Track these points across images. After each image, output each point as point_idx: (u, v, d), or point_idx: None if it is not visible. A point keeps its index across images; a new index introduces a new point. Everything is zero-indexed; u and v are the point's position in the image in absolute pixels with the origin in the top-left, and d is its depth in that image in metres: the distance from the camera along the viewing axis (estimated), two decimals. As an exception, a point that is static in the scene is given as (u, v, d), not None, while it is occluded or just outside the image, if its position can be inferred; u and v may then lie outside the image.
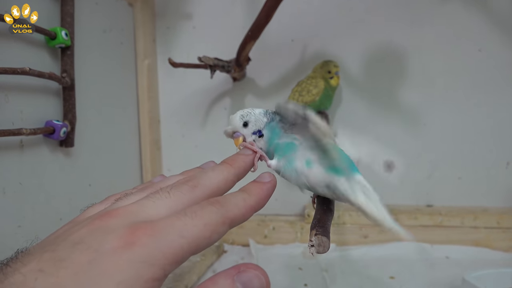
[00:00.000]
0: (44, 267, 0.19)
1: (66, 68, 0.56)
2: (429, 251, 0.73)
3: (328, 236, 0.30)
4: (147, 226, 0.21)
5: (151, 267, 0.19)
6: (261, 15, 0.63)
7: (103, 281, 0.18)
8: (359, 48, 0.78)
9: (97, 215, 0.23)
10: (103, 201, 0.27)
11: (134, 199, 0.25)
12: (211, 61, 0.70)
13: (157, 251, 0.20)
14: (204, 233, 0.22)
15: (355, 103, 0.80)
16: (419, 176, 0.80)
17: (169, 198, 0.24)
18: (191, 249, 0.21)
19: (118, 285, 0.18)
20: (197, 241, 0.21)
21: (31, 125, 0.50)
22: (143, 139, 0.81)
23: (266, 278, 0.22)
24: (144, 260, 0.19)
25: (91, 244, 0.20)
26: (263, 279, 0.21)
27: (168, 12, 0.82)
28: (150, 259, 0.19)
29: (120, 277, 0.18)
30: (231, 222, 0.24)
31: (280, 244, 0.78)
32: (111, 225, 0.21)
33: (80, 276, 0.18)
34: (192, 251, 0.21)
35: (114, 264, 0.19)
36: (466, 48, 0.76)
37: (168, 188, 0.25)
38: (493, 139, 0.77)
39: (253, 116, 0.39)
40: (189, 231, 0.21)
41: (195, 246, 0.21)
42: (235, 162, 0.30)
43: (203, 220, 0.22)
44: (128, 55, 0.78)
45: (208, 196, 0.26)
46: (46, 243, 0.21)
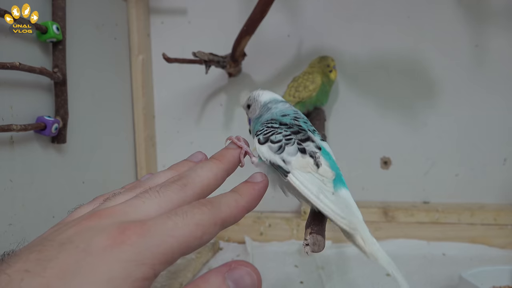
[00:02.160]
0: (31, 268, 0.18)
1: (58, 63, 0.55)
2: (426, 248, 0.73)
3: (323, 235, 0.29)
4: (137, 226, 0.20)
5: (140, 266, 0.19)
6: (256, 10, 0.62)
7: (91, 280, 0.18)
8: (356, 43, 0.78)
9: (85, 216, 0.22)
10: (91, 202, 0.26)
11: (123, 199, 0.24)
12: (206, 57, 0.69)
13: (147, 250, 0.19)
14: (195, 233, 0.21)
15: (351, 100, 0.79)
16: (416, 173, 0.80)
17: (159, 197, 0.23)
18: (182, 249, 0.21)
19: (106, 284, 0.18)
20: (188, 241, 0.21)
21: (21, 121, 0.49)
22: (138, 135, 0.80)
23: (258, 275, 0.21)
24: (134, 259, 0.19)
25: (78, 244, 0.19)
26: (255, 276, 0.21)
27: (162, 7, 0.81)
28: (140, 258, 0.19)
29: (109, 275, 0.18)
30: (223, 222, 0.23)
31: (276, 241, 0.78)
32: (99, 225, 0.21)
33: (67, 276, 0.18)
34: (183, 251, 0.21)
35: (102, 263, 0.18)
36: (462, 44, 0.75)
37: (157, 187, 0.24)
38: (490, 135, 0.77)
39: (254, 102, 0.40)
40: (179, 231, 0.21)
41: (186, 246, 0.21)
42: (224, 158, 0.30)
43: (194, 220, 0.22)
44: (122, 50, 0.77)
45: (198, 194, 0.25)
46: (33, 244, 0.21)
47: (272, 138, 0.34)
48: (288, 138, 0.33)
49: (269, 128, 0.35)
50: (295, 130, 0.35)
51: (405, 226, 0.75)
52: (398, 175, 0.80)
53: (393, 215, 0.76)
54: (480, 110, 0.77)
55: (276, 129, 0.35)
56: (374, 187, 0.81)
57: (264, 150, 0.33)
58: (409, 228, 0.75)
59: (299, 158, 0.32)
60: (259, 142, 0.34)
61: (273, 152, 0.33)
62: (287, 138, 0.33)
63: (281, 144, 0.33)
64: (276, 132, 0.34)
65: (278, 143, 0.33)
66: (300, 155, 0.33)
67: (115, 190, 0.27)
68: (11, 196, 0.48)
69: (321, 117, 0.71)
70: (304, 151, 0.33)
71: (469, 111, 0.77)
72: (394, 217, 0.76)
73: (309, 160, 0.33)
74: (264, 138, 0.34)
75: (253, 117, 0.40)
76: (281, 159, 0.32)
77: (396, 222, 0.76)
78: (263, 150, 0.34)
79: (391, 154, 0.80)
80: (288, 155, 0.33)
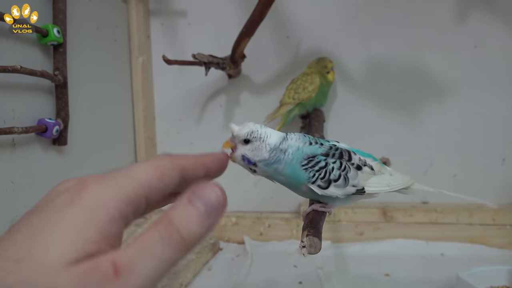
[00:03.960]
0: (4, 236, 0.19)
1: (59, 66, 0.56)
2: (424, 248, 0.73)
3: (319, 237, 0.30)
4: (95, 176, 0.21)
5: (102, 208, 0.19)
6: (255, 12, 0.62)
7: (54, 232, 0.18)
8: (355, 45, 0.78)
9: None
10: None
11: None
12: (206, 58, 0.69)
13: (106, 193, 0.20)
14: (155, 175, 0.22)
15: (350, 101, 0.79)
16: (415, 173, 0.80)
17: None
18: (144, 189, 0.21)
19: (70, 229, 0.18)
20: (149, 182, 0.21)
21: (23, 124, 0.50)
22: (138, 137, 0.81)
23: (221, 189, 0.22)
24: (94, 203, 0.19)
25: (42, 208, 0.20)
26: (218, 190, 0.21)
27: (162, 9, 0.82)
28: (100, 201, 0.20)
29: (72, 223, 0.19)
30: (180, 167, 0.23)
31: (276, 241, 0.78)
32: (63, 187, 0.21)
33: (33, 232, 0.19)
34: (146, 192, 0.21)
35: (64, 214, 0.19)
36: (462, 45, 0.76)
37: None
38: (488, 135, 0.77)
39: (259, 142, 0.36)
40: (137, 171, 0.21)
41: (148, 186, 0.21)
42: None
43: (152, 162, 0.22)
44: (122, 52, 0.77)
45: None
46: None
47: (331, 178, 0.36)
48: (343, 168, 0.36)
49: (318, 171, 0.35)
50: (336, 155, 0.37)
51: (404, 226, 0.76)
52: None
53: (392, 215, 0.76)
54: (479, 110, 0.77)
55: (326, 167, 0.36)
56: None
57: (334, 191, 0.36)
58: (408, 228, 0.76)
59: (361, 175, 0.37)
60: (321, 188, 0.36)
61: (342, 188, 0.36)
62: (342, 169, 0.36)
63: (344, 177, 0.36)
64: (328, 170, 0.35)
65: (340, 179, 0.36)
66: (359, 173, 0.37)
67: None
68: (12, 198, 0.49)
69: (320, 118, 0.72)
70: (359, 168, 0.37)
71: (468, 111, 0.77)
72: (393, 217, 0.76)
73: (366, 169, 0.37)
74: (324, 182, 0.36)
75: (260, 159, 0.36)
76: (352, 186, 0.36)
77: (395, 222, 0.76)
78: (333, 191, 0.36)
79: (390, 155, 0.80)
80: (353, 179, 0.36)
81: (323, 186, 0.35)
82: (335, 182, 0.35)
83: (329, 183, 0.35)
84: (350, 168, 0.36)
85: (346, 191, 0.36)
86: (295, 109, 0.72)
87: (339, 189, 0.35)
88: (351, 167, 0.36)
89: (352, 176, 0.36)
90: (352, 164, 0.36)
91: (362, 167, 0.37)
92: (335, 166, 0.35)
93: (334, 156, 0.36)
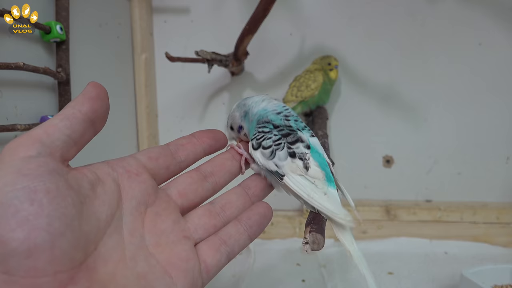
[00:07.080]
0: None
1: (61, 63, 0.56)
2: (428, 246, 0.73)
3: (323, 233, 0.30)
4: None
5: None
6: (259, 9, 0.62)
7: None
8: (358, 41, 0.77)
9: None
10: None
11: None
12: (209, 55, 0.69)
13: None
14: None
15: (354, 99, 0.79)
16: (418, 171, 0.80)
17: None
18: (64, 123, 0.26)
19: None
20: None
21: (25, 121, 0.50)
22: (141, 134, 0.81)
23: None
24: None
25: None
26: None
27: (165, 6, 0.81)
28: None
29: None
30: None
31: (278, 239, 0.78)
32: None
33: None
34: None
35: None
36: (466, 42, 0.75)
37: None
38: (492, 134, 0.77)
39: (230, 118, 0.41)
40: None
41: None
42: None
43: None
44: (125, 49, 0.77)
45: None
46: None
47: (263, 143, 0.35)
48: (278, 143, 0.35)
49: (260, 133, 0.36)
50: (285, 133, 0.36)
51: (408, 225, 0.76)
52: (401, 173, 0.80)
53: (395, 213, 0.76)
54: (483, 108, 0.76)
55: (267, 134, 0.36)
56: (377, 185, 0.81)
57: (259, 156, 0.35)
58: (412, 226, 0.75)
59: (290, 163, 0.34)
60: (253, 148, 0.36)
61: (266, 158, 0.35)
62: (277, 143, 0.35)
63: (272, 150, 0.35)
64: (267, 137, 0.35)
65: (269, 149, 0.35)
66: (290, 159, 0.34)
67: None
68: (15, 195, 0.49)
69: (323, 115, 0.71)
70: (293, 155, 0.34)
71: (472, 109, 0.77)
72: (397, 215, 0.76)
73: (299, 163, 0.34)
74: (256, 143, 0.36)
75: (238, 118, 0.40)
76: (274, 164, 0.34)
77: (398, 221, 0.76)
78: (257, 155, 0.35)
79: (393, 153, 0.80)
80: (279, 160, 0.34)
81: (254, 147, 0.36)
82: (263, 149, 0.35)
83: (259, 147, 0.35)
84: (283, 149, 0.35)
85: (268, 164, 0.34)
86: (298, 106, 0.72)
87: (263, 158, 0.35)
88: (286, 148, 0.35)
89: (280, 156, 0.34)
90: (289, 148, 0.35)
91: (296, 157, 0.34)
92: (274, 138, 0.35)
93: (281, 132, 0.36)
